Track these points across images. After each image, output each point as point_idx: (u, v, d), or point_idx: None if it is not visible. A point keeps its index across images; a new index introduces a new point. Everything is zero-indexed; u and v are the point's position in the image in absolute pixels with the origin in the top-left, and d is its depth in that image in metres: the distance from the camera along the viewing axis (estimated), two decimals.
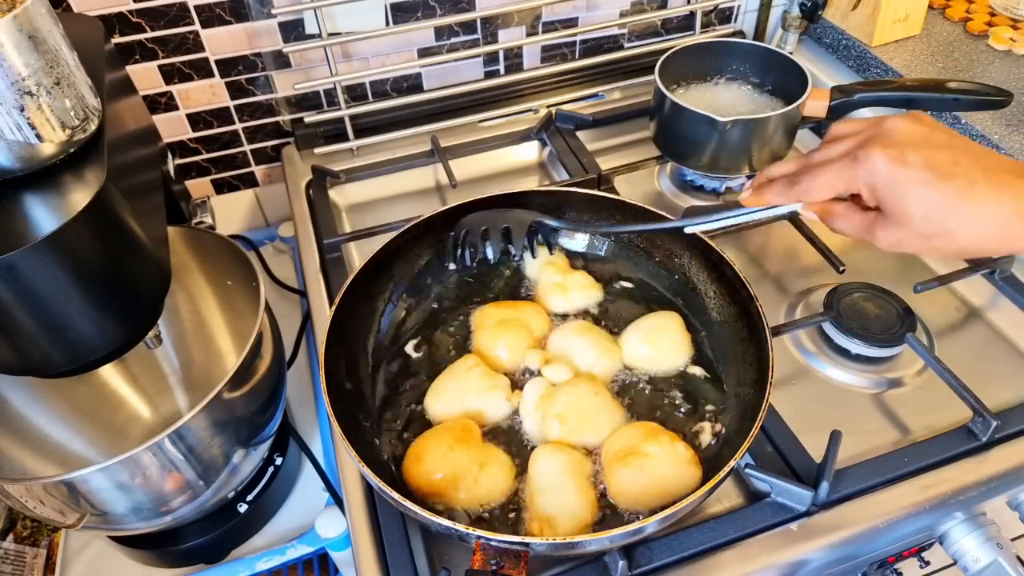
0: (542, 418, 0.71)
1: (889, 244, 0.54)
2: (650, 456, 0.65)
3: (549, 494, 0.65)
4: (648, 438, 0.66)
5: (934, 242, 0.52)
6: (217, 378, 0.67)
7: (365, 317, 0.79)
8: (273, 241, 1.20)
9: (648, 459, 0.65)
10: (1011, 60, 1.14)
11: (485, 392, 0.72)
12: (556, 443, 0.69)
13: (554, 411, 0.70)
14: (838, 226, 0.57)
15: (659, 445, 0.66)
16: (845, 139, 0.56)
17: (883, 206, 0.53)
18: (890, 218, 0.53)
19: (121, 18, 0.96)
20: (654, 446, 0.66)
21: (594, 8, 1.18)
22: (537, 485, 0.66)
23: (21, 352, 0.56)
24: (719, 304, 0.78)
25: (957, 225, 0.51)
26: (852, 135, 0.55)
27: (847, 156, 0.54)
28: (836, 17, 1.24)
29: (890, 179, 0.51)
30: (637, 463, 0.65)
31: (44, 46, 0.51)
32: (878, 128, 0.54)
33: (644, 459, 0.65)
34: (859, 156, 0.53)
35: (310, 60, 1.09)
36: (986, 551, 0.70)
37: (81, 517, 0.67)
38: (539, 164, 1.16)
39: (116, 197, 0.56)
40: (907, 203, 0.51)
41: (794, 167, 0.58)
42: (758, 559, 0.66)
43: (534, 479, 0.66)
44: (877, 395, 0.81)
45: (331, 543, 0.80)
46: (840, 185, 0.55)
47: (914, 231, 0.52)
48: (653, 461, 0.65)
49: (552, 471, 0.66)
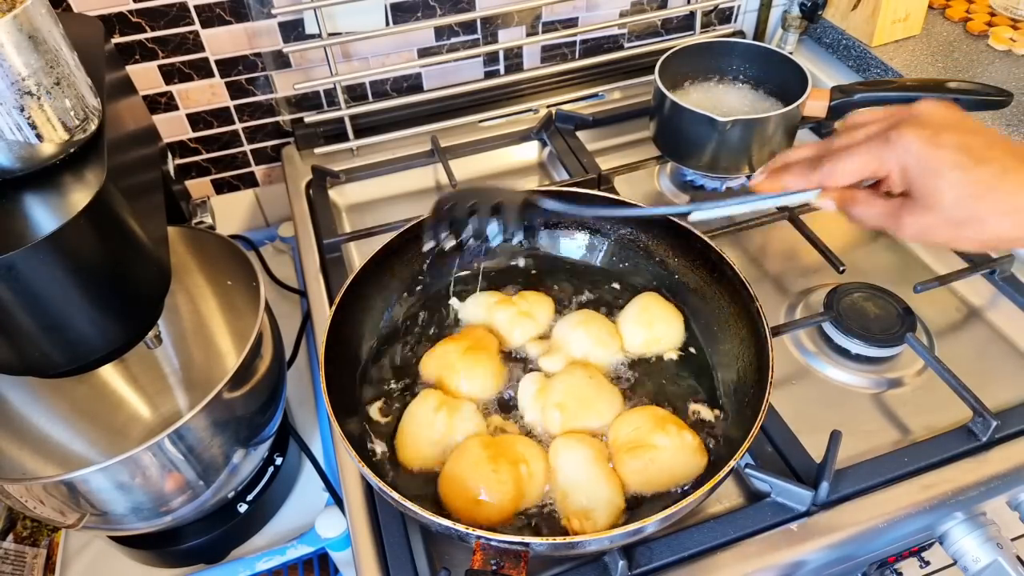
0: (542, 410, 0.71)
1: (915, 231, 0.52)
2: (659, 448, 0.66)
3: (580, 490, 0.65)
4: (656, 428, 0.68)
5: (963, 230, 0.50)
6: (217, 378, 0.67)
7: (365, 317, 0.79)
8: (273, 241, 1.20)
9: (657, 451, 0.66)
10: (1011, 60, 1.14)
11: (455, 431, 0.70)
12: (569, 435, 0.70)
13: (552, 401, 0.71)
14: (859, 213, 0.55)
15: (667, 436, 0.67)
16: (868, 125, 0.54)
17: (913, 189, 0.51)
18: (918, 202, 0.51)
19: (121, 18, 0.96)
20: (662, 437, 0.67)
21: (594, 8, 1.18)
22: (566, 483, 0.66)
23: (21, 352, 0.56)
24: (719, 304, 0.78)
25: (988, 211, 0.49)
26: (876, 121, 0.54)
27: (876, 138, 0.52)
28: (836, 17, 1.24)
29: (924, 160, 0.50)
30: (647, 455, 0.66)
31: (44, 46, 0.51)
32: (909, 111, 0.52)
33: (653, 451, 0.66)
34: (891, 137, 0.51)
35: (310, 60, 1.09)
36: (986, 551, 0.70)
37: (81, 517, 0.67)
38: (539, 164, 1.16)
39: (116, 197, 0.56)
40: (939, 186, 0.49)
41: (812, 152, 0.56)
42: (758, 559, 0.66)
43: (561, 477, 0.67)
44: (877, 395, 0.81)
45: (331, 543, 0.80)
46: (869, 168, 0.52)
47: (944, 217, 0.50)
48: (662, 453, 0.66)
49: (577, 466, 0.67)
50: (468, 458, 0.66)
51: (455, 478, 0.65)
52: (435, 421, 0.69)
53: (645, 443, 0.67)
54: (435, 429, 0.69)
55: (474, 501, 0.63)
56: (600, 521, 0.63)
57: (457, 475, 0.65)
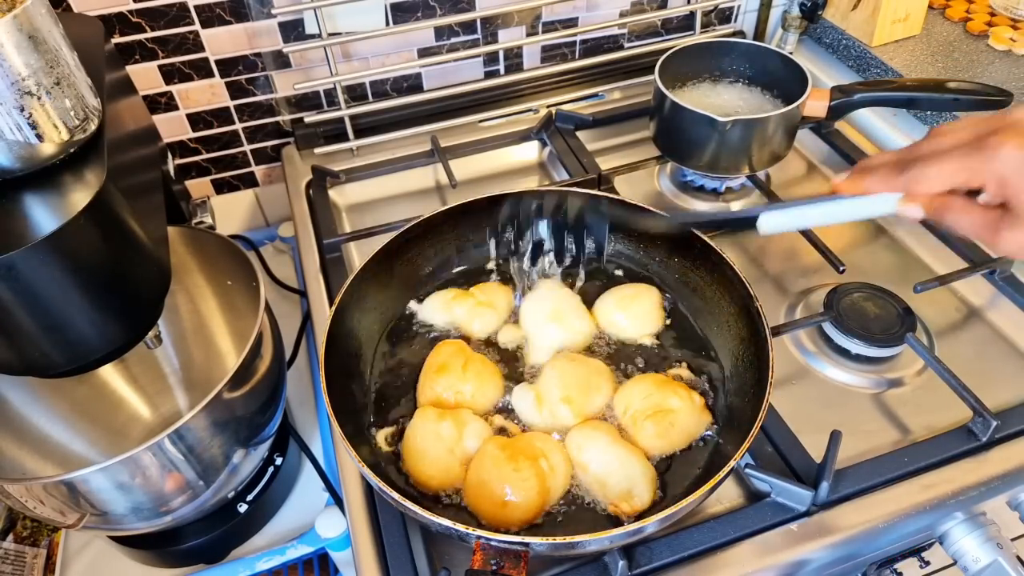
0: (550, 413, 0.71)
1: (1016, 247, 0.49)
2: (676, 410, 0.70)
3: (615, 473, 0.66)
4: (668, 392, 0.71)
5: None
6: (217, 378, 0.67)
7: (365, 317, 0.79)
8: (273, 241, 1.20)
9: (675, 413, 0.70)
10: (1011, 60, 1.14)
11: (464, 438, 0.69)
12: (582, 426, 0.70)
13: (556, 398, 0.71)
14: (953, 221, 0.51)
15: (679, 398, 0.71)
16: (957, 131, 0.51)
17: (1014, 202, 0.48)
18: (1021, 217, 0.48)
19: (121, 18, 0.96)
20: (675, 399, 0.70)
21: (594, 8, 1.18)
22: (599, 471, 0.67)
23: (21, 352, 0.56)
24: (719, 304, 0.78)
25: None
26: (967, 127, 0.50)
27: (969, 145, 0.49)
28: (836, 17, 1.24)
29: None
30: (667, 419, 0.69)
31: (44, 46, 0.51)
32: (1005, 119, 0.49)
33: (672, 414, 0.70)
34: (989, 144, 0.48)
35: (310, 60, 1.09)
36: (986, 551, 0.70)
37: (81, 517, 0.67)
38: (539, 164, 1.16)
39: (116, 197, 0.56)
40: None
41: (896, 156, 0.53)
42: (758, 559, 0.66)
43: (592, 468, 0.67)
44: (877, 395, 0.81)
45: (331, 543, 0.80)
46: (960, 176, 0.49)
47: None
48: (679, 414, 0.70)
49: (604, 452, 0.68)
50: (487, 462, 0.66)
51: (479, 484, 0.65)
52: (441, 432, 0.68)
53: (663, 407, 0.70)
54: (444, 442, 0.68)
55: (501, 504, 0.63)
56: (645, 496, 0.65)
57: (481, 480, 0.65)
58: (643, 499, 0.65)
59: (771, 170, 1.08)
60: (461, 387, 0.72)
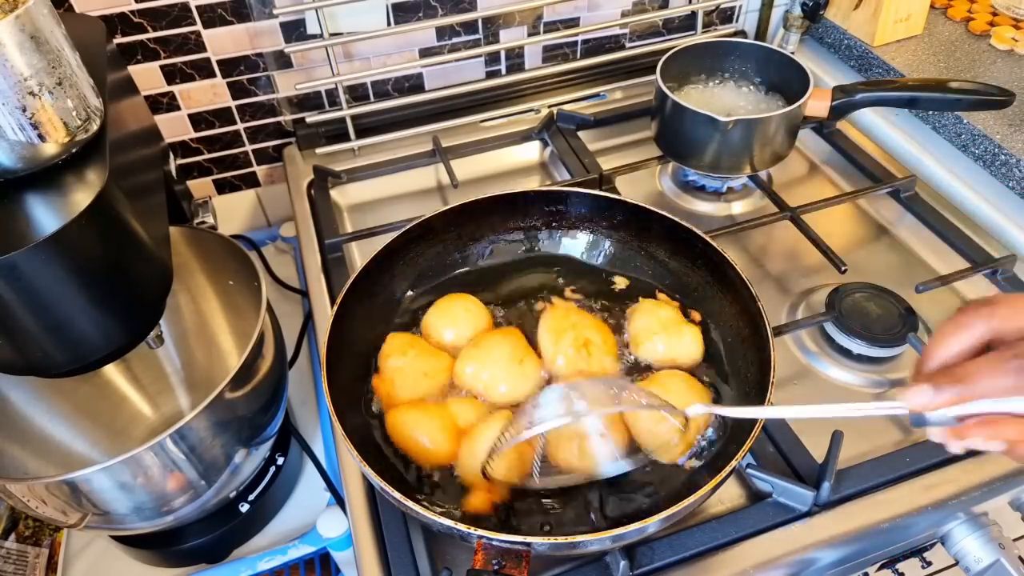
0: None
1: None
2: (680, 324, 0.77)
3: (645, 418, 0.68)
4: (664, 309, 0.78)
5: None
6: (219, 378, 0.67)
7: (367, 317, 0.79)
8: (275, 241, 1.20)
9: (685, 325, 0.77)
10: (1013, 60, 1.14)
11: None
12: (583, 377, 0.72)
13: (570, 344, 0.74)
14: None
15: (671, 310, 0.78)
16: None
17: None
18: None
19: (123, 18, 0.96)
20: (668, 310, 0.78)
21: (595, 8, 1.18)
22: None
23: (23, 352, 0.56)
24: (720, 304, 0.78)
25: None
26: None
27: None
28: (838, 17, 1.24)
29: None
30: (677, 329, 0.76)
31: (46, 46, 0.51)
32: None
33: (683, 325, 0.77)
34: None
35: (312, 60, 1.09)
36: (988, 551, 0.70)
37: (83, 517, 0.67)
38: (540, 164, 1.16)
39: (118, 197, 0.56)
40: None
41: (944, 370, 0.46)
42: (759, 559, 0.66)
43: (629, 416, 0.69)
44: (879, 395, 0.81)
45: (332, 543, 0.80)
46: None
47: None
48: (682, 327, 0.77)
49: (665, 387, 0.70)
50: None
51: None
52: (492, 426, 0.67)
53: (671, 323, 0.77)
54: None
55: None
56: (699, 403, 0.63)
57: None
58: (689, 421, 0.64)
59: (772, 170, 1.08)
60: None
